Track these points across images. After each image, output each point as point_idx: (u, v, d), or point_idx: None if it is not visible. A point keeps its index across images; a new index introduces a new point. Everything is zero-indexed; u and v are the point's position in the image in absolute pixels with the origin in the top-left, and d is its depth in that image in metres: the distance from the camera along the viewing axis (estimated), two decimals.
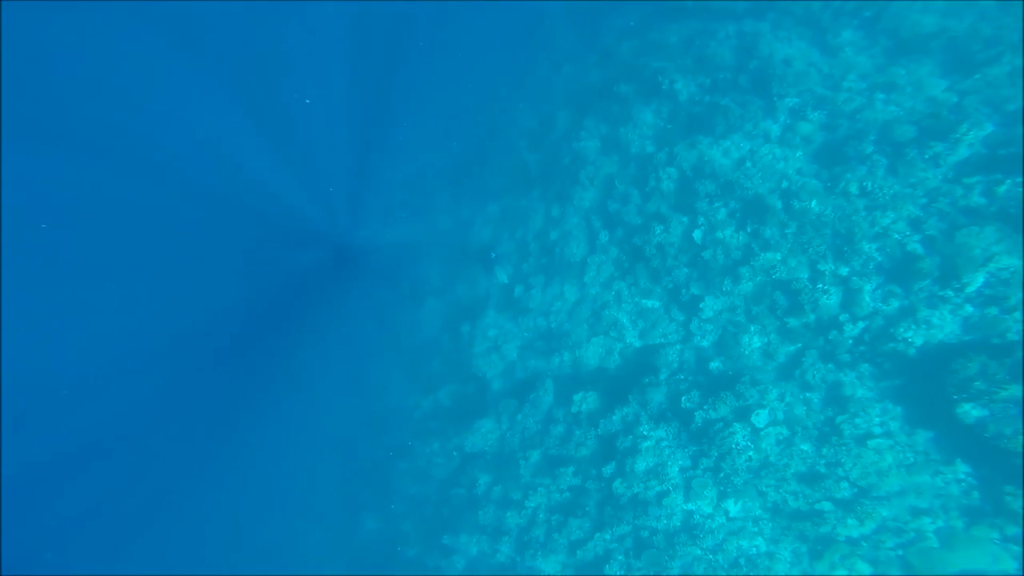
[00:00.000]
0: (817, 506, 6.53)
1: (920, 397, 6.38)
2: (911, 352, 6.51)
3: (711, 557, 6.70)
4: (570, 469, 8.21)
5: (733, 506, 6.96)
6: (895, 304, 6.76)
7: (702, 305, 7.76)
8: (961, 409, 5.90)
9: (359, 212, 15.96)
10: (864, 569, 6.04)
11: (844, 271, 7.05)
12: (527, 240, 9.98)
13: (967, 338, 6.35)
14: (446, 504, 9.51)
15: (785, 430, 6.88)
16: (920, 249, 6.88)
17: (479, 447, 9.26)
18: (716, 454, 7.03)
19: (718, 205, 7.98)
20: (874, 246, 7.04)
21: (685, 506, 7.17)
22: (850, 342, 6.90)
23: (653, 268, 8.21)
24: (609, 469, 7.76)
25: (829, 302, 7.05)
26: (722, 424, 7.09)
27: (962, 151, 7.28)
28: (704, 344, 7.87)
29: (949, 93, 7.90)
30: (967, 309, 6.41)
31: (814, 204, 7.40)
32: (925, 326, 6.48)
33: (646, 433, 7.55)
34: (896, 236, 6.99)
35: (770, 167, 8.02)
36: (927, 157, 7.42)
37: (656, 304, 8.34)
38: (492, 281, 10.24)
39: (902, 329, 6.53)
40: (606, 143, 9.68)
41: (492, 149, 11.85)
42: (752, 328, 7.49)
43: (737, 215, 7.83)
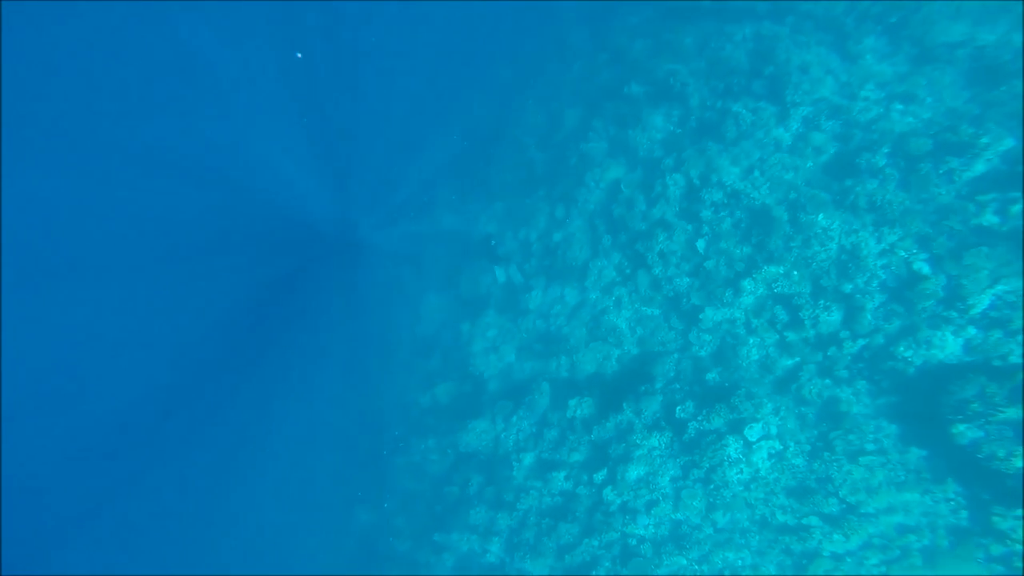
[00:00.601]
0: (804, 520, 6.68)
1: (916, 416, 6.47)
2: (910, 371, 6.59)
3: (697, 568, 6.89)
4: (562, 474, 8.43)
5: (721, 518, 7.13)
6: (897, 323, 6.82)
7: (702, 316, 7.87)
8: (956, 429, 5.99)
9: (364, 206, 16.21)
10: None
11: (847, 288, 7.11)
12: (530, 240, 10.12)
13: (968, 359, 6.41)
14: (439, 501, 9.80)
15: (778, 444, 7.02)
16: (926, 269, 6.91)
17: (473, 447, 9.51)
18: (707, 465, 7.19)
19: (724, 215, 8.05)
20: (879, 263, 7.08)
21: (674, 516, 7.36)
22: (849, 358, 6.98)
23: (655, 276, 8.32)
24: (601, 476, 7.95)
25: (830, 318, 7.13)
26: (715, 436, 7.24)
27: (979, 167, 7.24)
28: (702, 354, 7.99)
29: (971, 104, 7.82)
30: (970, 331, 6.46)
31: (821, 218, 7.43)
32: (926, 346, 6.55)
33: (639, 442, 7.72)
34: (903, 254, 7.02)
35: (779, 177, 8.04)
36: (941, 172, 7.39)
37: (656, 312, 8.46)
38: (493, 275, 10.41)
39: (902, 348, 6.60)
40: (614, 145, 9.75)
41: (499, 145, 11.96)
42: (751, 340, 7.59)
43: (742, 225, 7.89)
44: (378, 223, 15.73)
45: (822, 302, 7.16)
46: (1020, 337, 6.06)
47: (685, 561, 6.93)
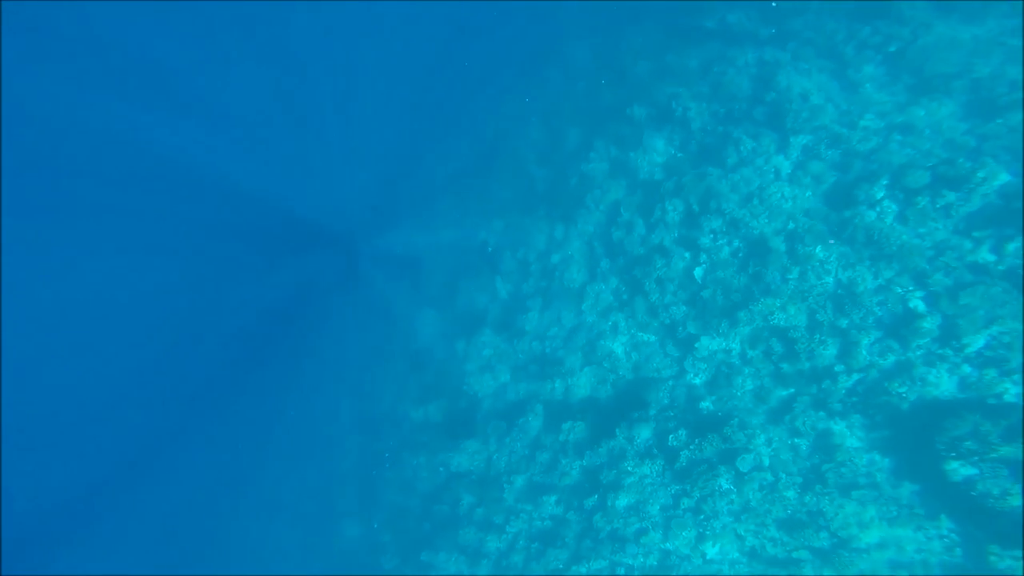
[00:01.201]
0: (795, 554, 6.78)
1: (909, 451, 6.58)
2: (904, 406, 6.71)
3: None
4: (553, 498, 8.51)
5: (711, 548, 7.22)
6: (892, 359, 6.95)
7: (698, 344, 7.98)
8: (949, 466, 6.10)
9: (364, 218, 16.34)
10: None
11: (843, 323, 7.24)
12: (528, 260, 10.24)
13: (962, 396, 6.53)
14: (428, 519, 9.87)
15: (769, 476, 7.12)
16: (922, 307, 7.04)
17: (465, 466, 9.58)
18: (698, 495, 7.29)
19: (722, 243, 8.18)
20: (875, 299, 7.21)
21: (663, 545, 7.45)
22: (843, 392, 7.11)
23: (651, 303, 8.44)
24: (591, 501, 8.04)
25: (825, 352, 7.25)
26: (707, 466, 7.34)
27: (975, 201, 7.37)
28: (696, 382, 8.10)
29: (968, 136, 7.97)
30: (965, 369, 6.58)
31: (819, 250, 7.57)
32: (920, 383, 6.68)
33: (630, 469, 7.82)
34: (899, 290, 7.16)
35: (778, 206, 8.19)
36: (939, 206, 7.52)
37: (652, 338, 8.58)
38: (492, 289, 10.51)
39: (897, 384, 6.72)
40: (615, 166, 9.89)
41: (500, 160, 12.10)
42: (746, 371, 7.71)
43: (740, 255, 8.03)
44: (378, 232, 15.86)
45: (818, 336, 7.28)
46: (1017, 376, 6.18)
47: None
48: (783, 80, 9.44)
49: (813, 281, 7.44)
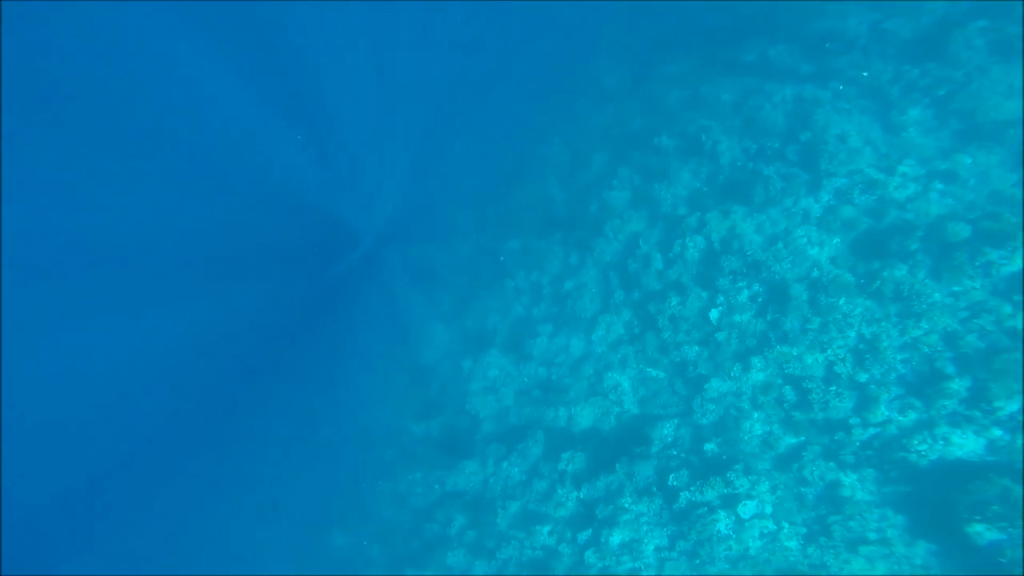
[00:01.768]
0: None
1: (926, 509, 6.35)
2: (922, 464, 6.49)
3: None
4: (546, 528, 8.50)
5: None
6: (912, 416, 6.75)
7: (707, 385, 7.91)
8: (973, 528, 5.86)
9: (385, 229, 16.80)
10: None
11: (863, 377, 7.07)
12: (541, 284, 10.35)
13: (990, 459, 6.28)
14: (417, 536, 9.97)
15: (771, 524, 6.98)
16: (950, 368, 6.82)
17: (460, 487, 9.67)
18: (695, 538, 7.20)
19: (741, 285, 8.12)
20: (899, 357, 7.03)
21: None
22: (857, 444, 6.93)
23: (663, 340, 8.42)
24: (585, 535, 8.01)
25: (841, 405, 7.09)
26: (706, 509, 7.25)
27: (1019, 261, 7.14)
28: (703, 422, 8.02)
29: (1017, 189, 7.72)
30: (994, 432, 6.33)
31: (842, 302, 7.43)
32: (943, 442, 6.46)
33: (627, 506, 7.77)
34: (926, 350, 6.95)
35: (803, 251, 8.09)
36: (978, 264, 7.28)
37: (661, 375, 8.54)
38: (502, 306, 10.65)
39: (916, 441, 6.52)
40: (637, 196, 9.95)
41: (521, 179, 12.31)
42: (756, 415, 7.60)
43: (759, 300, 7.95)
44: (397, 242, 16.24)
45: (834, 388, 7.14)
46: None
47: None
48: (820, 119, 9.36)
49: (834, 333, 7.30)
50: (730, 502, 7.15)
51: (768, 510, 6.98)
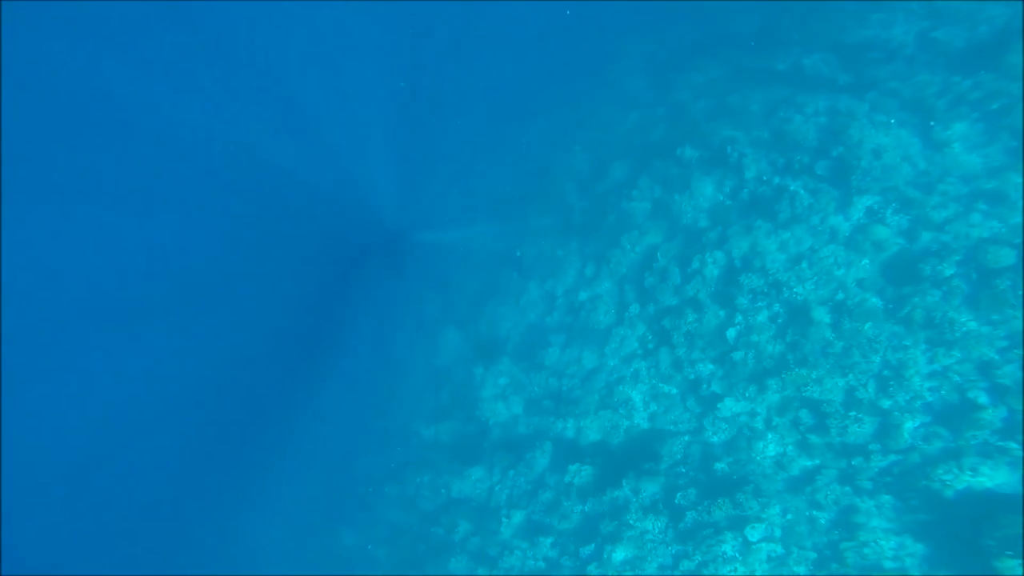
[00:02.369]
0: None
1: (950, 541, 6.25)
2: (947, 493, 6.40)
3: None
4: (550, 539, 8.68)
5: None
6: (938, 445, 6.65)
7: (720, 404, 7.95)
8: (1003, 563, 5.76)
9: (401, 227, 17.28)
10: None
11: (886, 404, 6.99)
12: (556, 294, 10.54)
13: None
14: (423, 540, 10.29)
15: (780, 548, 6.99)
16: (984, 399, 6.68)
17: (467, 493, 9.95)
18: (700, 559, 7.26)
19: (760, 305, 8.11)
20: (927, 384, 6.92)
21: None
22: (876, 471, 6.87)
23: (677, 356, 8.49)
24: (588, 550, 8.16)
25: (860, 430, 7.03)
26: (713, 529, 7.30)
27: None
28: (714, 440, 8.06)
29: None
30: None
31: (868, 327, 7.35)
32: (971, 472, 6.35)
33: (632, 522, 7.88)
34: (956, 379, 6.82)
35: (828, 272, 8.02)
36: (1021, 293, 7.11)
37: (673, 391, 8.60)
38: (515, 314, 10.88)
39: (941, 471, 6.42)
40: (657, 208, 10.02)
41: (540, 185, 12.52)
42: (769, 436, 7.60)
43: (779, 321, 7.93)
44: (415, 243, 16.67)
45: (854, 413, 7.08)
46: None
47: None
48: (855, 133, 9.22)
49: (857, 359, 7.23)
50: (738, 523, 7.18)
51: (777, 533, 6.98)
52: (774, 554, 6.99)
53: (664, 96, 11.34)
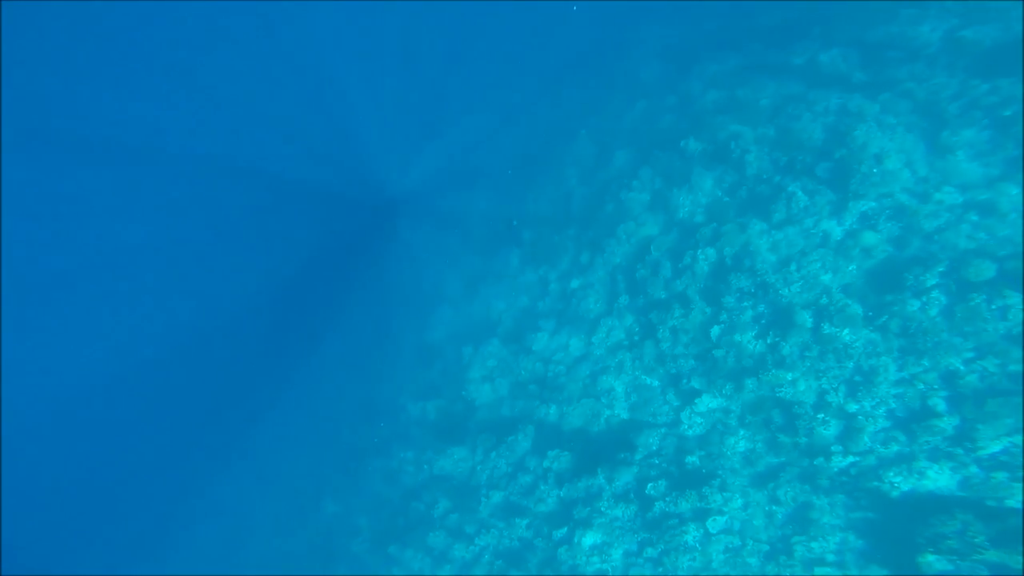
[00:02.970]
0: None
1: (887, 538, 6.98)
2: (893, 494, 7.09)
3: None
4: (525, 521, 9.48)
5: None
6: (894, 449, 7.29)
7: (698, 400, 8.61)
8: (924, 559, 6.49)
9: (401, 196, 17.67)
10: None
11: (852, 408, 7.63)
12: (549, 279, 11.10)
13: (960, 495, 6.84)
14: (403, 514, 11.14)
15: (737, 540, 7.75)
16: (942, 407, 7.30)
17: (448, 471, 10.74)
18: (663, 547, 8.03)
19: (746, 305, 8.68)
20: (893, 391, 7.53)
21: None
22: (835, 471, 7.56)
23: (661, 350, 9.10)
24: (560, 533, 8.95)
25: (826, 432, 7.70)
26: (677, 520, 8.06)
27: None
28: (689, 434, 8.75)
29: None
30: (971, 469, 6.82)
31: (846, 334, 7.93)
32: (917, 475, 7.01)
33: (604, 509, 8.64)
34: (921, 386, 7.43)
35: (814, 276, 8.55)
36: (995, 307, 7.60)
37: (655, 383, 9.26)
38: (508, 296, 11.43)
39: (892, 473, 7.09)
40: (655, 200, 10.48)
41: (543, 168, 12.92)
42: (741, 432, 8.28)
43: (762, 322, 8.51)
44: (413, 220, 17.10)
45: (821, 416, 7.73)
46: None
47: None
48: (860, 136, 9.55)
49: (831, 363, 7.84)
50: (701, 515, 7.93)
51: (736, 526, 7.73)
52: (731, 545, 7.73)
53: (675, 85, 11.61)
